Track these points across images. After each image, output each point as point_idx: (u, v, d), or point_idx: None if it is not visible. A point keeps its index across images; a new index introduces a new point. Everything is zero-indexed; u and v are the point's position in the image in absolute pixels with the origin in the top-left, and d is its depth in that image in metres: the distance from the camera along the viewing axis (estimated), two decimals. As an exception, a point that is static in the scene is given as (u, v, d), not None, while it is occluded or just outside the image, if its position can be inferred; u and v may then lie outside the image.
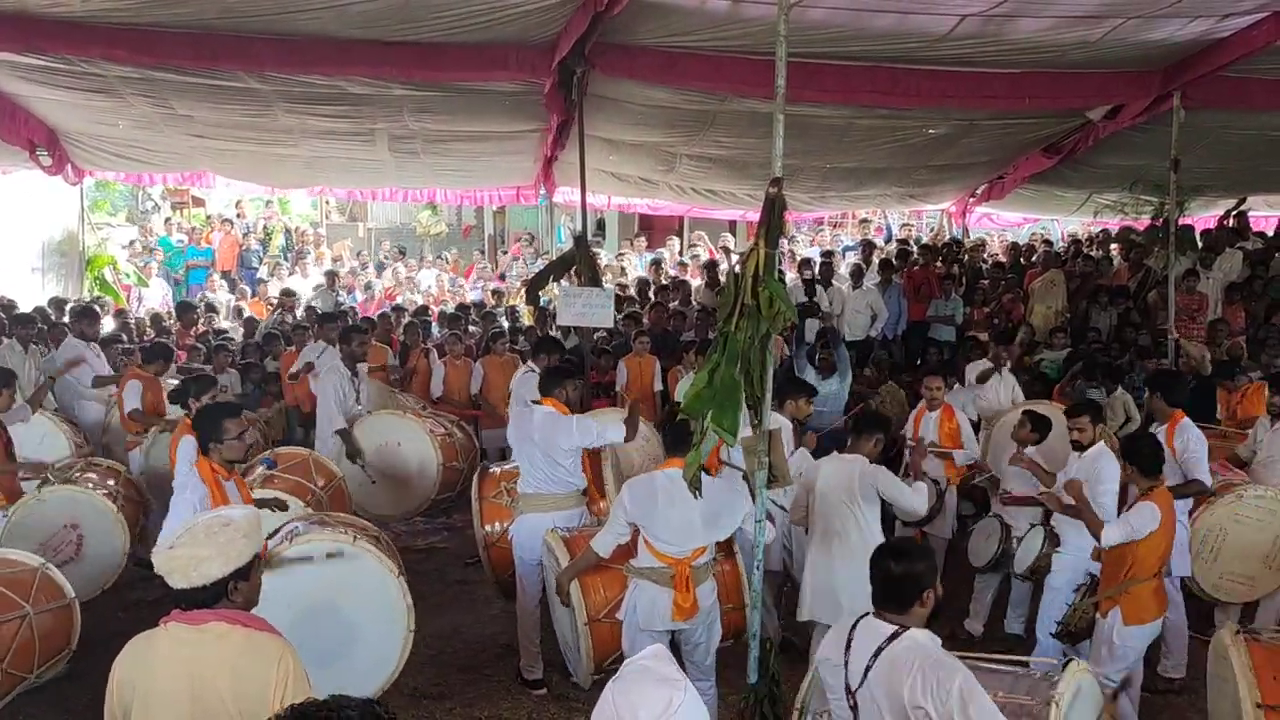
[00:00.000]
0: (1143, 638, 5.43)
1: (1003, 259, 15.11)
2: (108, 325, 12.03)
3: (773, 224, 4.36)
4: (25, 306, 12.22)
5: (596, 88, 9.45)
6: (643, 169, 12.83)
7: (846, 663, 3.36)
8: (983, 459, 7.89)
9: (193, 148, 11.96)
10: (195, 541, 3.10)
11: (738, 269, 4.41)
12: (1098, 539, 5.45)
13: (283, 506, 6.11)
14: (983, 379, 8.92)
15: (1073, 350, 10.73)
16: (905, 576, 3.33)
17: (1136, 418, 9.28)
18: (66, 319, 11.38)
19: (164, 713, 3.02)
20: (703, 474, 4.93)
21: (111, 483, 7.18)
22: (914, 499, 5.81)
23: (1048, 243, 16.34)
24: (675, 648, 5.24)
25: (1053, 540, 6.34)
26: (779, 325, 4.23)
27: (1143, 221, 12.15)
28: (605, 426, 6.15)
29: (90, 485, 7.00)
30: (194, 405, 6.45)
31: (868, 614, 3.41)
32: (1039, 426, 6.94)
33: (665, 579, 5.04)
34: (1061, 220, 17.42)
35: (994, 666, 3.86)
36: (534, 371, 8.12)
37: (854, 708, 3.31)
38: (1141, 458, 5.49)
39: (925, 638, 3.28)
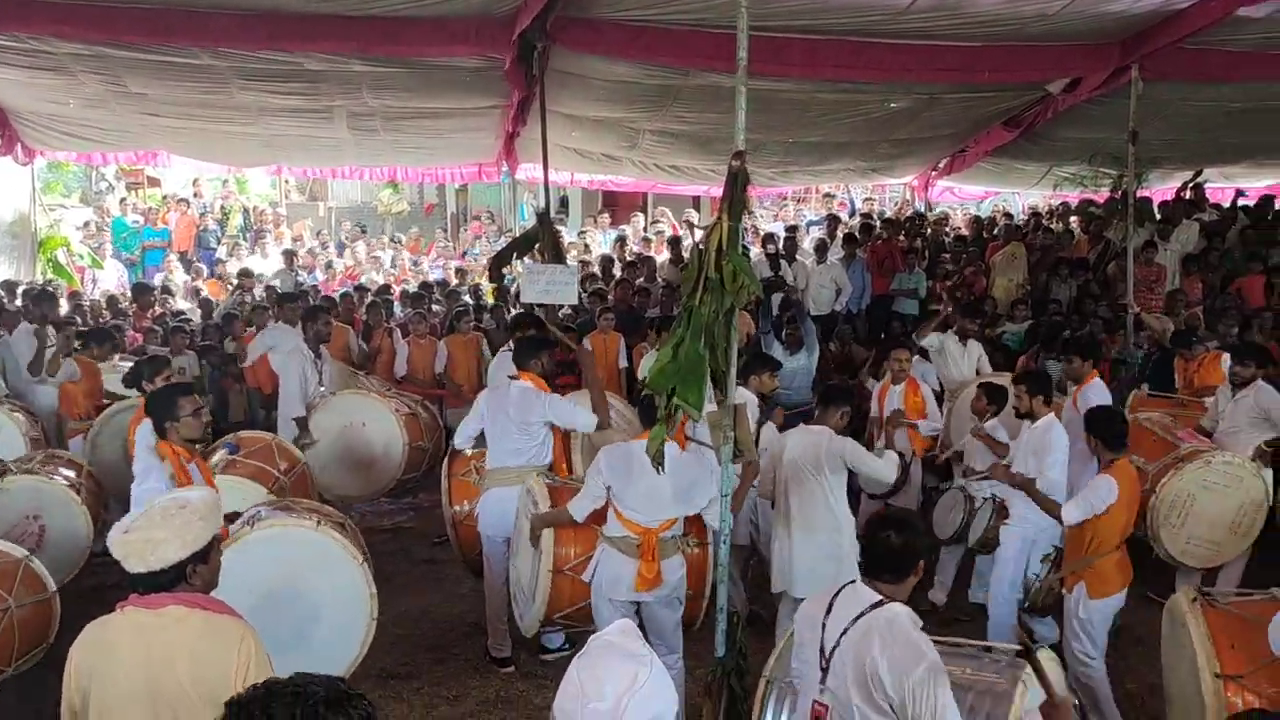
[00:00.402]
0: (1108, 610, 5.47)
1: (965, 232, 15.19)
2: (62, 309, 11.80)
3: (735, 197, 4.34)
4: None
5: (558, 63, 9.36)
6: (605, 145, 12.75)
7: (824, 625, 3.38)
8: (946, 431, 7.95)
9: (146, 126, 11.73)
10: (151, 524, 3.05)
11: (701, 244, 4.39)
12: (1058, 520, 5.49)
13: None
14: (922, 341, 8.90)
15: (1034, 322, 10.83)
16: (905, 547, 3.34)
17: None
18: (19, 302, 11.17)
19: (122, 698, 2.98)
20: (672, 448, 4.95)
21: (73, 474, 7.04)
22: (884, 468, 5.85)
23: (1008, 215, 16.45)
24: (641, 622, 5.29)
25: (1000, 513, 6.43)
26: (743, 299, 4.22)
27: (1102, 194, 12.23)
28: (576, 411, 6.14)
29: (51, 476, 6.86)
30: (148, 388, 6.32)
31: (854, 581, 3.43)
32: (994, 398, 7.01)
33: (631, 549, 5.06)
34: (1022, 193, 17.52)
35: (961, 646, 3.89)
36: (511, 351, 8.10)
37: (825, 669, 3.33)
38: (1104, 430, 5.51)
39: (906, 614, 3.29)
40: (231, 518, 5.18)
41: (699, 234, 4.41)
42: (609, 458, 5.16)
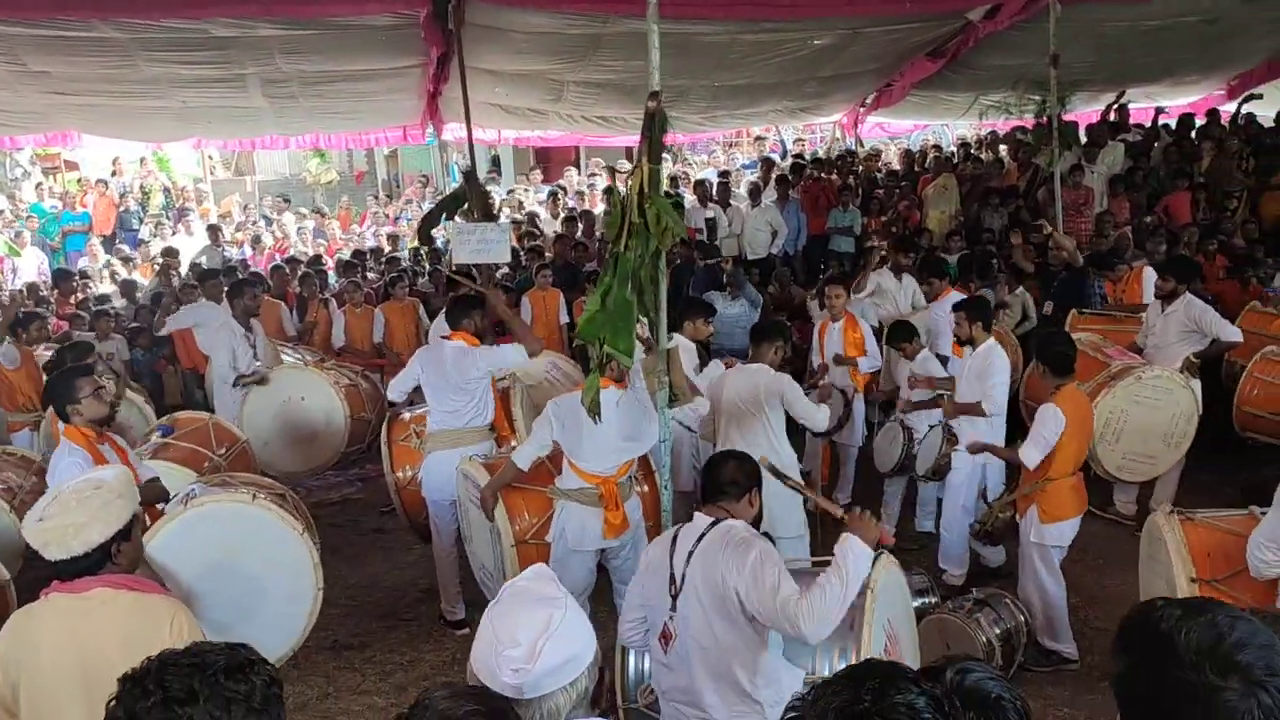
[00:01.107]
0: (1062, 535, 5.52)
1: (898, 167, 15.24)
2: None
3: (654, 139, 4.27)
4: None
5: (474, 16, 9.16)
6: (530, 99, 12.54)
7: (672, 556, 3.51)
8: (886, 367, 8.01)
9: (51, 105, 11.29)
10: (67, 510, 2.95)
11: (624, 189, 4.33)
12: (1021, 464, 5.48)
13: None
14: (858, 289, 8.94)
15: (966, 252, 10.92)
16: (737, 472, 3.58)
17: (1034, 317, 9.53)
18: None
19: (54, 686, 2.90)
20: (613, 393, 4.94)
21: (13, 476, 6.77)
22: (816, 416, 5.88)
23: (938, 148, 16.53)
24: (602, 568, 5.32)
25: (951, 439, 6.51)
26: (667, 241, 4.17)
27: (1029, 121, 12.32)
28: (503, 350, 6.09)
29: None
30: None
31: (694, 513, 3.59)
32: (904, 335, 7.16)
33: (593, 499, 5.09)
34: (952, 125, 17.61)
35: (810, 566, 4.08)
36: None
37: (675, 595, 3.45)
38: (1051, 356, 5.53)
39: (740, 525, 3.48)
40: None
41: (620, 179, 4.33)
42: (557, 410, 5.15)
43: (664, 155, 15.80)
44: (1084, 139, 12.39)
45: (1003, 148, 14.84)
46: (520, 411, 6.86)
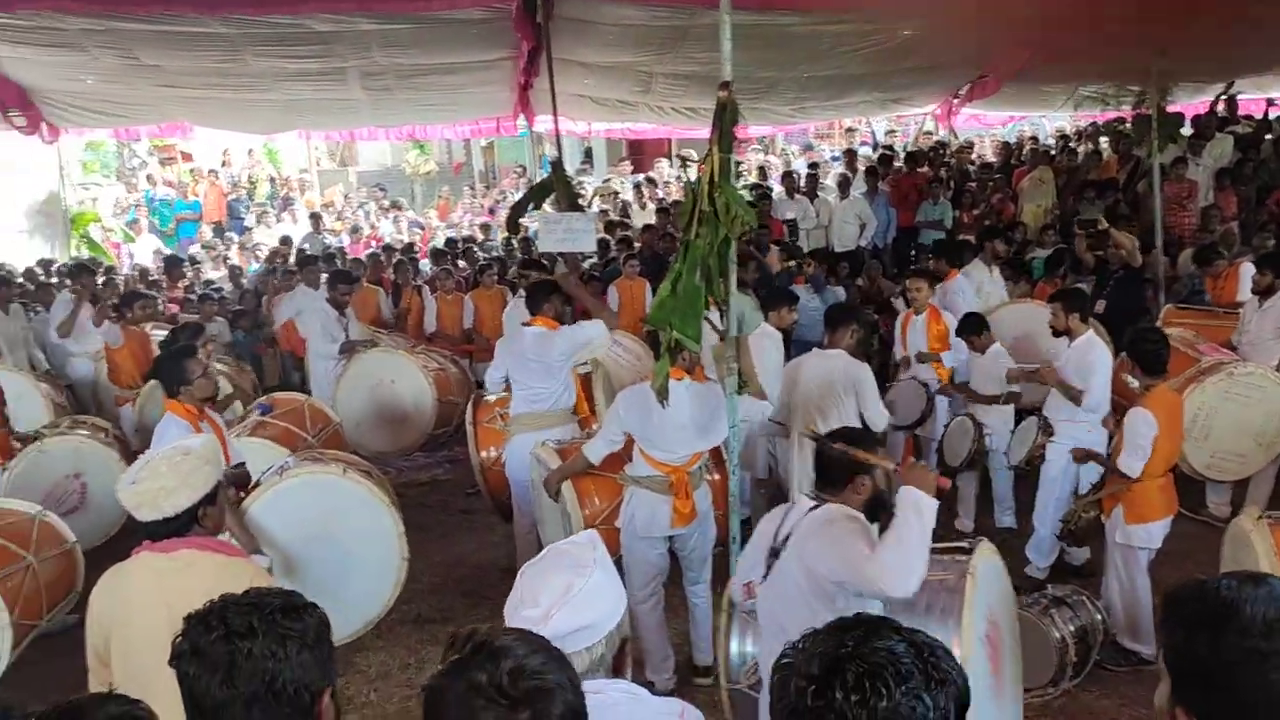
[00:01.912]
0: (1150, 537, 5.38)
1: (992, 159, 14.95)
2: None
3: (725, 129, 4.32)
4: (15, 269, 12.24)
5: (564, 9, 9.30)
6: (619, 91, 12.66)
7: (777, 532, 3.52)
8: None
9: (164, 98, 11.84)
10: (157, 474, 3.15)
11: (695, 178, 4.39)
12: (1126, 477, 5.33)
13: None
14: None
15: (1060, 246, 10.68)
16: (839, 459, 3.45)
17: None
18: (54, 279, 11.43)
19: (142, 639, 3.08)
20: (687, 384, 5.01)
21: (103, 436, 7.23)
22: (880, 415, 5.85)
23: (1034, 140, 16.15)
24: (672, 553, 5.35)
25: (1046, 430, 6.39)
26: (736, 229, 4.22)
27: (1130, 112, 11.96)
28: (582, 328, 6.23)
29: (93, 435, 7.04)
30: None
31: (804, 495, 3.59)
32: (974, 328, 7.04)
33: (663, 487, 5.10)
34: (1050, 116, 17.18)
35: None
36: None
37: (769, 566, 3.45)
38: (1143, 353, 5.35)
39: (839, 509, 3.41)
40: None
41: (692, 168, 4.40)
42: (627, 401, 5.18)
43: (756, 146, 15.84)
44: (1189, 130, 12.00)
45: (1103, 139, 14.44)
46: (601, 395, 6.98)
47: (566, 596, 1.99)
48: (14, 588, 5.19)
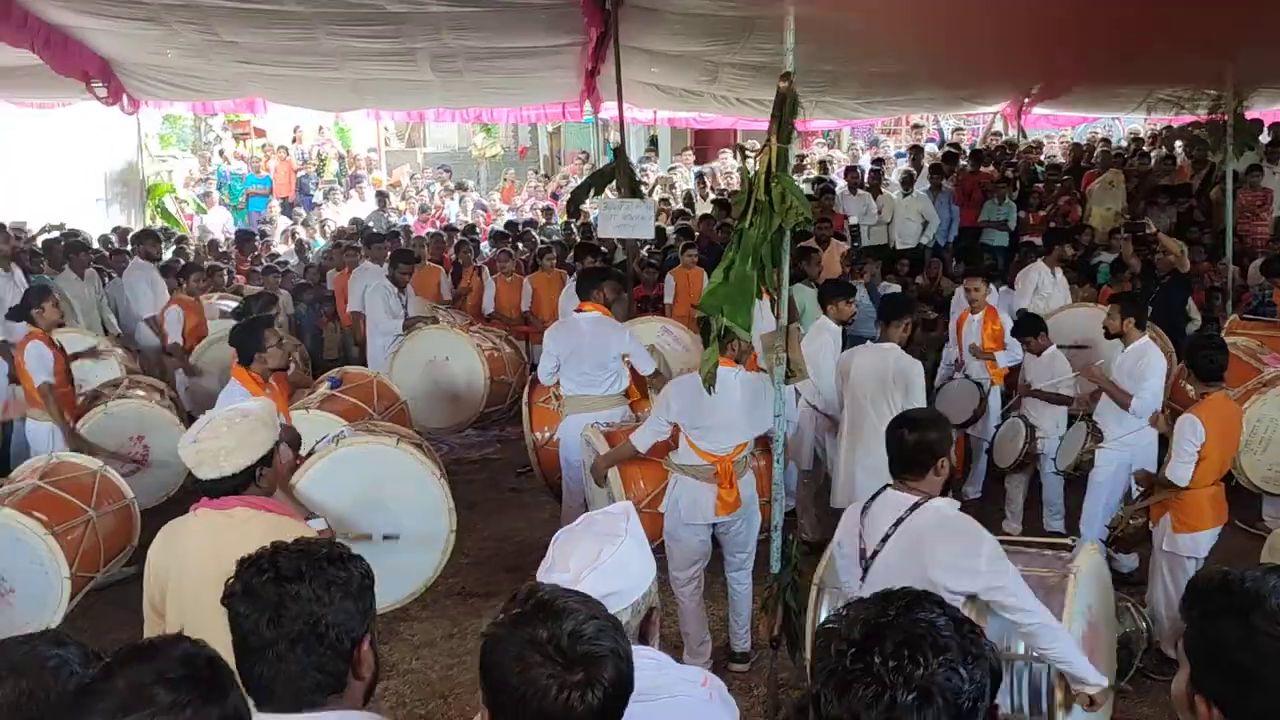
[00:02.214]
0: (1197, 547, 5.30)
1: (1061, 160, 14.71)
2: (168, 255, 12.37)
3: (784, 120, 4.34)
4: (92, 236, 12.61)
5: (631, -3, 9.34)
6: (685, 80, 12.67)
7: (862, 528, 3.47)
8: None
9: (241, 74, 12.10)
10: (218, 434, 3.27)
11: (752, 168, 4.42)
12: (1175, 487, 5.28)
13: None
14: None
15: (1127, 251, 10.49)
16: (919, 445, 3.41)
17: (1197, 318, 9.11)
18: (128, 247, 11.77)
19: (197, 591, 3.19)
20: (736, 373, 5.04)
21: (159, 398, 7.44)
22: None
23: (1106, 142, 15.86)
24: (715, 540, 5.39)
25: (1095, 435, 6.33)
26: (791, 220, 4.24)
27: (1205, 117, 11.69)
28: (647, 358, 6.35)
29: (150, 400, 7.28)
30: None
31: (886, 486, 3.51)
32: (1031, 329, 6.94)
33: (708, 475, 5.14)
34: (1123, 119, 16.85)
35: (1015, 544, 4.01)
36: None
37: (865, 570, 3.41)
38: (1199, 361, 5.31)
39: (946, 504, 3.39)
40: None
41: (751, 158, 4.43)
42: (676, 391, 5.23)
43: (820, 140, 15.71)
44: (1268, 139, 11.71)
45: (1178, 144, 14.13)
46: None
47: (596, 563, 2.05)
48: (74, 540, 5.39)
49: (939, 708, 1.43)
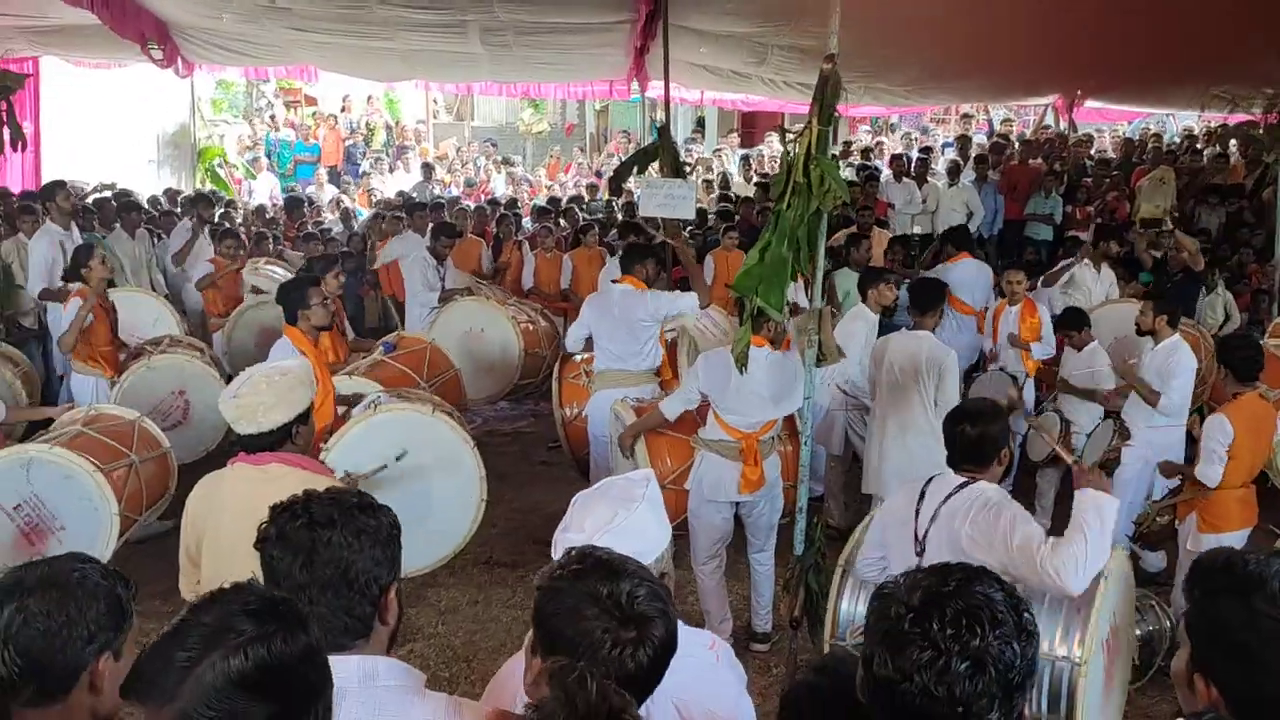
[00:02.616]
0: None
1: (1112, 155, 14.50)
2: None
3: (826, 102, 4.34)
4: (142, 197, 12.82)
5: (683, -25, 9.32)
6: (733, 61, 12.61)
7: (917, 513, 3.53)
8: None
9: (294, 41, 12.20)
10: (257, 390, 3.36)
11: (791, 149, 4.43)
12: (1200, 485, 5.27)
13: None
14: (1049, 281, 8.62)
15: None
16: (982, 438, 3.49)
17: (1236, 317, 9.00)
18: (177, 208, 11.97)
19: (232, 543, 3.29)
20: (765, 353, 5.07)
21: (200, 355, 7.53)
22: (949, 406, 5.74)
23: (1158, 138, 15.60)
24: (738, 520, 5.44)
25: (1123, 434, 6.29)
26: (828, 202, 4.25)
27: (1261, 116, 11.47)
28: (678, 298, 6.31)
29: (191, 354, 7.36)
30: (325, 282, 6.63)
31: (942, 472, 3.58)
32: (1074, 323, 6.88)
33: (733, 452, 5.18)
34: (1177, 115, 16.55)
35: None
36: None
37: (920, 553, 3.47)
38: (1235, 360, 5.27)
39: (992, 489, 3.45)
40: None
41: (790, 139, 4.43)
42: (708, 363, 5.27)
43: (867, 128, 15.54)
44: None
45: (1232, 143, 13.88)
46: (685, 360, 7.06)
47: (609, 525, 2.11)
48: (119, 481, 5.51)
49: (990, 678, 1.48)
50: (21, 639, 1.91)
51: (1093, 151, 15.11)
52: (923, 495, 3.56)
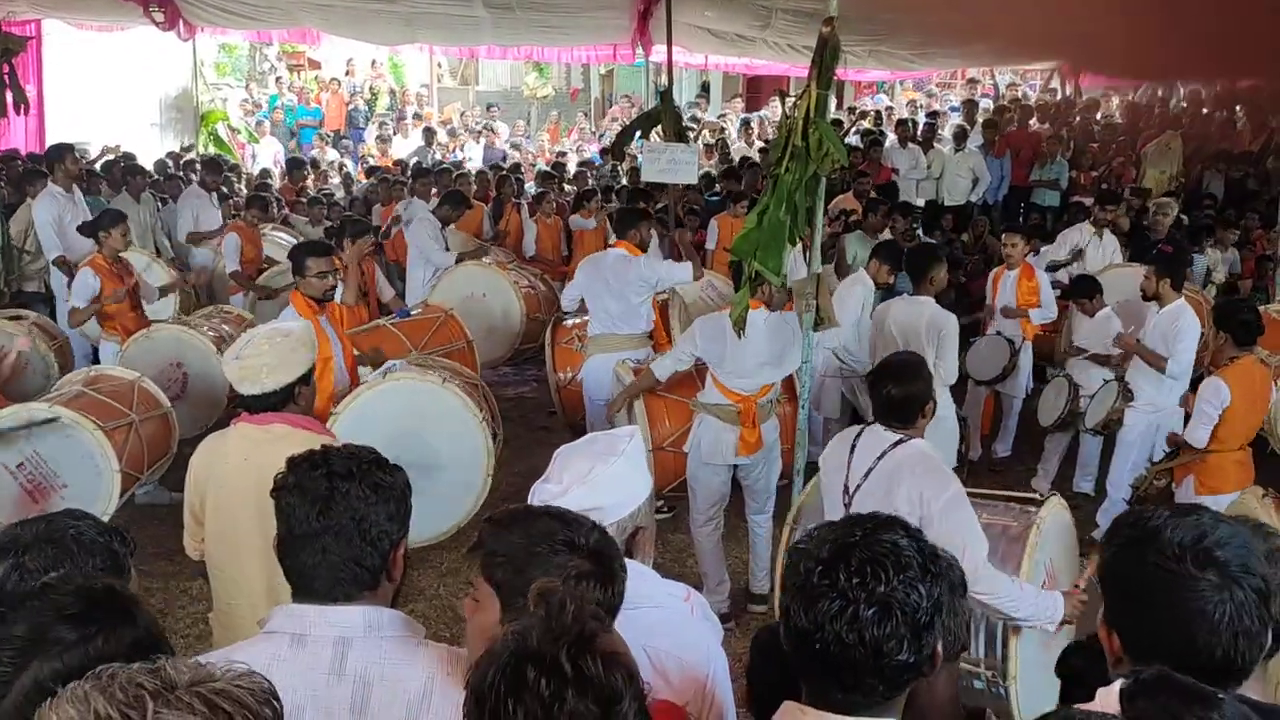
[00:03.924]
0: (1218, 509, 5.33)
1: (1119, 120, 14.41)
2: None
3: (825, 65, 4.33)
4: (145, 160, 12.79)
5: (686, -64, 9.24)
6: (738, 25, 12.51)
7: (849, 464, 3.59)
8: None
9: (295, 3, 12.15)
10: (259, 352, 3.38)
11: (790, 112, 4.43)
12: (1194, 446, 5.31)
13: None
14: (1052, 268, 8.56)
15: (1179, 215, 10.30)
16: (908, 397, 3.56)
17: (1221, 274, 9.00)
18: (181, 172, 11.96)
19: (235, 501, 3.35)
20: (762, 315, 5.09)
21: (229, 329, 7.48)
22: (949, 372, 5.78)
23: (1165, 103, 15.48)
24: (737, 482, 5.48)
25: (1126, 395, 6.32)
26: (826, 166, 4.26)
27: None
28: (672, 267, 6.31)
29: (208, 331, 7.28)
30: (346, 246, 6.48)
31: (873, 422, 3.66)
32: (1085, 291, 6.87)
33: (731, 416, 5.21)
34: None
35: (986, 496, 4.11)
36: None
37: (847, 505, 3.56)
38: (1234, 324, 5.30)
39: (928, 447, 3.54)
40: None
41: (790, 102, 4.43)
42: (703, 327, 5.27)
43: (880, 93, 15.31)
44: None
45: (1239, 109, 13.79)
46: (678, 325, 7.09)
47: (585, 478, 2.15)
48: (120, 440, 5.55)
49: (897, 620, 1.55)
50: (18, 595, 1.96)
51: (1099, 116, 15.01)
52: (853, 449, 3.66)
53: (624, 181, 13.00)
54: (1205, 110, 14.33)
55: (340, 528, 2.02)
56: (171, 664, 1.26)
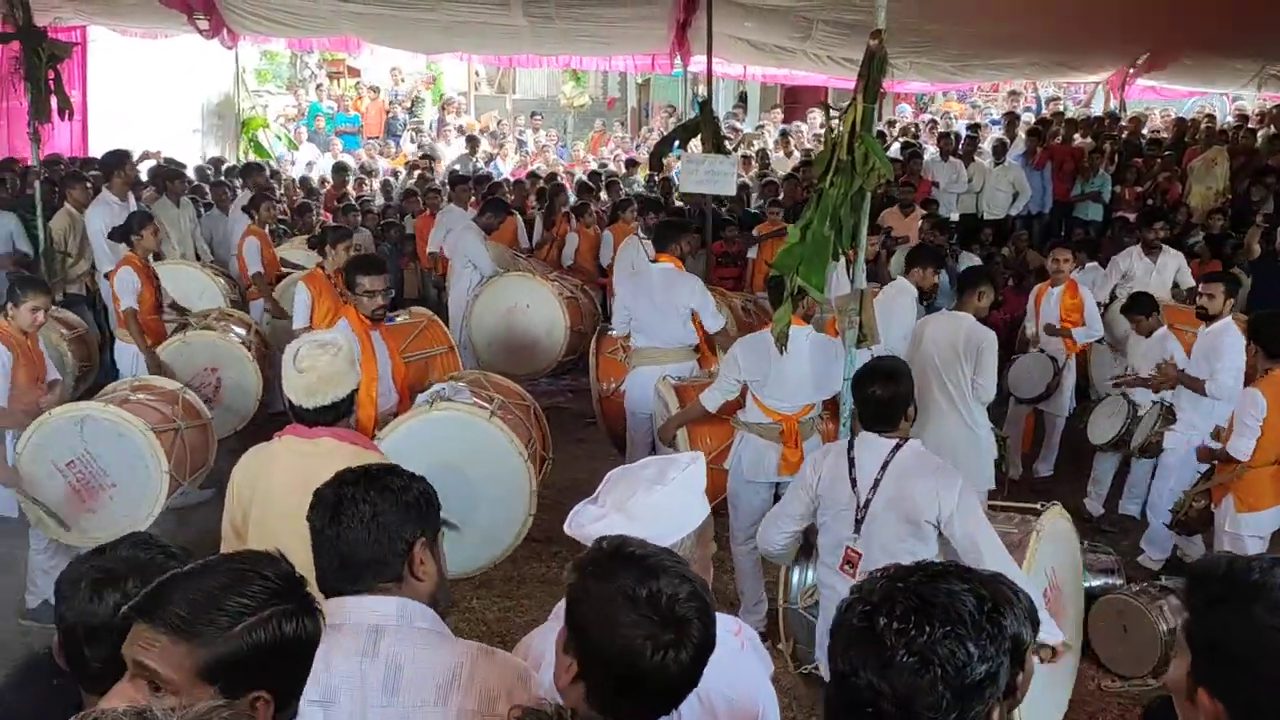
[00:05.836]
0: (1260, 526, 5.25)
1: (1165, 135, 14.18)
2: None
3: (872, 79, 4.28)
4: (188, 167, 12.92)
5: (728, -52, 9.21)
6: (777, 36, 12.46)
7: (852, 475, 3.65)
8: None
9: (338, 12, 12.23)
10: (319, 364, 3.33)
11: (835, 126, 4.37)
12: (1236, 464, 5.23)
13: None
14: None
15: (1227, 233, 10.13)
16: (894, 399, 3.65)
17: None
18: (224, 178, 12.05)
19: (279, 514, 3.28)
20: (807, 333, 5.03)
21: (244, 332, 7.55)
22: (984, 390, 5.69)
23: (1211, 118, 15.22)
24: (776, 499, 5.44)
25: (1167, 417, 6.20)
26: (872, 181, 4.20)
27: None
28: (716, 315, 6.39)
29: (227, 333, 7.35)
30: (330, 253, 6.70)
31: (861, 433, 3.74)
32: (1141, 308, 6.72)
33: (773, 434, 5.17)
34: (1231, 95, 16.13)
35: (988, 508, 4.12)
36: (640, 237, 8.33)
37: (860, 519, 3.59)
38: (1268, 337, 5.24)
39: (922, 447, 3.66)
40: None
41: (834, 116, 4.38)
42: (744, 349, 5.23)
43: (907, 105, 15.18)
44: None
45: (1287, 122, 13.54)
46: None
47: (623, 507, 2.09)
48: (168, 443, 5.59)
49: (936, 676, 1.40)
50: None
51: (1145, 130, 14.79)
52: (852, 464, 3.70)
53: (658, 192, 12.97)
54: (1252, 124, 14.07)
55: (351, 527, 2.15)
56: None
